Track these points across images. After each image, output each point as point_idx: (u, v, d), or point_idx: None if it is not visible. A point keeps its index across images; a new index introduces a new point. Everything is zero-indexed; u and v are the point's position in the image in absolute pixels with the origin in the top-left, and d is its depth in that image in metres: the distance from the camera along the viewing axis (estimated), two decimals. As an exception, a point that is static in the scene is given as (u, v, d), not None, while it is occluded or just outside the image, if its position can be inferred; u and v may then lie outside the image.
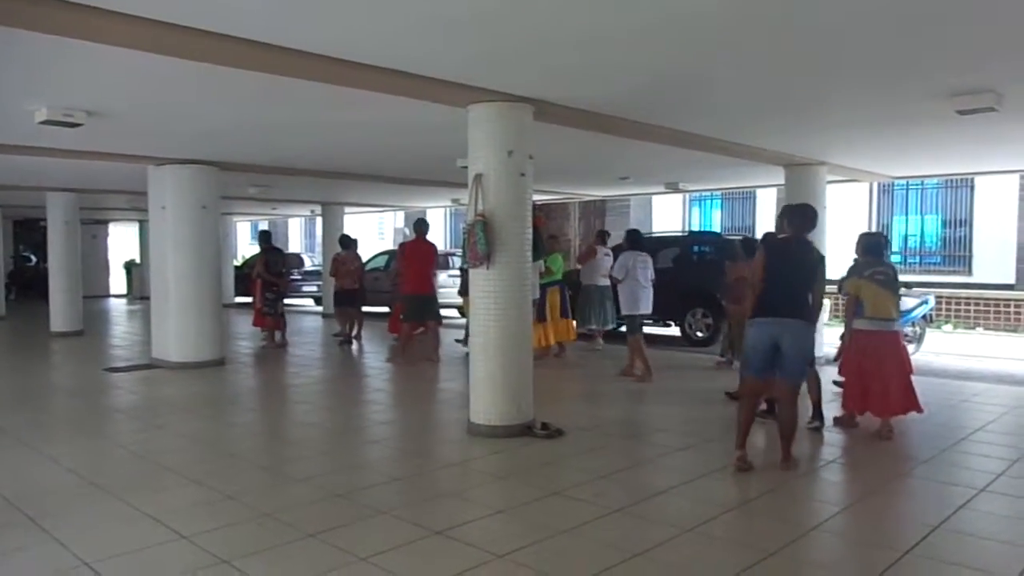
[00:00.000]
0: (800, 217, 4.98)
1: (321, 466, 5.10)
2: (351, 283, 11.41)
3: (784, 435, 4.90)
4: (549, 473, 4.83)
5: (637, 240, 8.41)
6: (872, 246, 5.97)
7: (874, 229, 15.98)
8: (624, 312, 8.22)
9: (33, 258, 22.63)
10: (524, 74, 5.05)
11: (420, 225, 9.56)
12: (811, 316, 4.86)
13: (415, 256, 9.35)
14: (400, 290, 9.67)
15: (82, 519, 4.02)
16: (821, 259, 4.97)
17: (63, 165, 9.47)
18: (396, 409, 7.19)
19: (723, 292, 8.95)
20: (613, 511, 4.09)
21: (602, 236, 10.41)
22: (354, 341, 11.38)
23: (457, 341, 10.25)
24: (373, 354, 10.60)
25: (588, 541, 3.69)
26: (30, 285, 20.69)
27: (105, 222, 22.69)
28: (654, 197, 18.30)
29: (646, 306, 8.13)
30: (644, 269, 8.13)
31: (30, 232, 21.81)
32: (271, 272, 11.07)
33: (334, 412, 7.10)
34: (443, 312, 10.53)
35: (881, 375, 5.70)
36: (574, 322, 10.00)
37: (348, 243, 11.78)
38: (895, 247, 16.15)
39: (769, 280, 4.84)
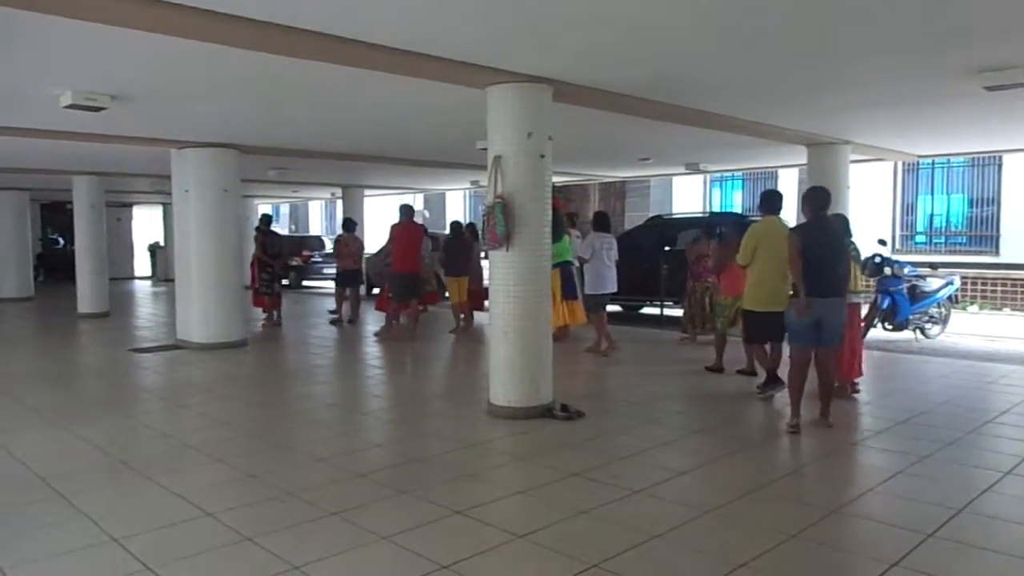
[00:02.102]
0: (819, 198, 5.50)
1: (342, 446, 5.16)
2: (352, 264, 11.82)
3: (824, 393, 5.51)
4: (568, 454, 4.84)
5: (604, 223, 8.94)
6: (844, 226, 6.48)
7: (898, 209, 15.81)
8: (588, 291, 8.67)
9: (61, 240, 22.97)
10: (542, 54, 5.01)
11: (406, 209, 10.17)
12: (846, 288, 5.48)
13: (401, 238, 9.92)
14: (389, 270, 10.32)
15: (111, 496, 4.12)
16: (846, 223, 5.62)
17: (88, 149, 9.58)
18: (417, 390, 7.24)
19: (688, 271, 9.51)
20: (633, 492, 4.10)
21: (571, 218, 10.64)
22: (345, 320, 11.71)
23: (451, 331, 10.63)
24: (392, 335, 10.65)
25: (607, 522, 3.71)
26: (58, 267, 21.02)
27: (129, 205, 22.96)
28: (675, 178, 18.14)
29: (611, 286, 8.64)
30: (609, 250, 8.62)
31: (57, 215, 22.10)
32: (267, 254, 11.41)
33: (354, 393, 7.17)
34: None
35: (852, 342, 6.29)
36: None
37: (350, 226, 12.24)
38: (920, 227, 15.95)
39: (809, 263, 5.30)
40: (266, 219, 12.13)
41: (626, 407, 6.22)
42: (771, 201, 6.39)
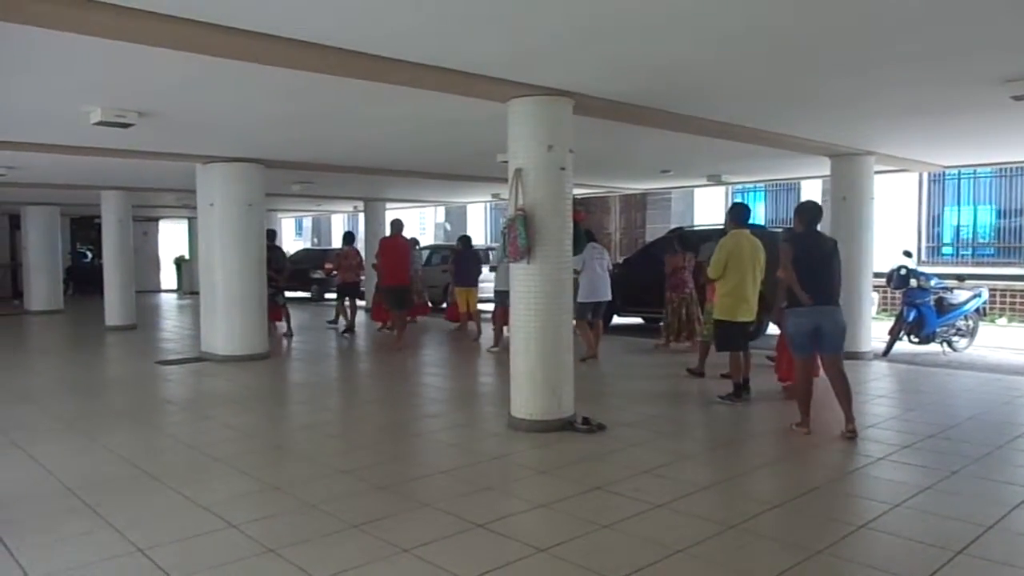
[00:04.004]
0: (811, 212, 5.67)
1: (364, 458, 5.18)
2: (353, 276, 12.28)
3: (843, 401, 5.49)
4: (590, 468, 4.83)
5: (591, 234, 9.41)
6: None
7: (923, 220, 15.61)
8: (581, 299, 8.85)
9: (89, 254, 23.38)
10: (564, 68, 5.03)
11: (395, 225, 10.91)
12: (839, 297, 5.57)
13: (389, 252, 10.48)
14: (380, 283, 10.94)
15: (136, 507, 4.16)
16: (835, 244, 5.65)
17: (116, 164, 9.76)
18: (437, 403, 7.25)
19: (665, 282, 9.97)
20: (655, 506, 4.07)
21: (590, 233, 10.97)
22: (343, 330, 12.01)
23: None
24: (415, 347, 10.70)
25: (629, 536, 3.68)
26: (86, 280, 21.39)
27: (156, 219, 23.33)
28: (696, 190, 18.06)
29: (603, 294, 9.00)
30: (600, 260, 9.05)
31: (86, 229, 22.57)
32: (271, 268, 11.53)
33: (376, 405, 7.20)
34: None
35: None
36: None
37: (349, 239, 12.59)
38: (947, 238, 15.74)
39: (803, 273, 5.42)
40: (270, 234, 12.27)
41: (647, 420, 6.17)
42: (739, 214, 6.79)
